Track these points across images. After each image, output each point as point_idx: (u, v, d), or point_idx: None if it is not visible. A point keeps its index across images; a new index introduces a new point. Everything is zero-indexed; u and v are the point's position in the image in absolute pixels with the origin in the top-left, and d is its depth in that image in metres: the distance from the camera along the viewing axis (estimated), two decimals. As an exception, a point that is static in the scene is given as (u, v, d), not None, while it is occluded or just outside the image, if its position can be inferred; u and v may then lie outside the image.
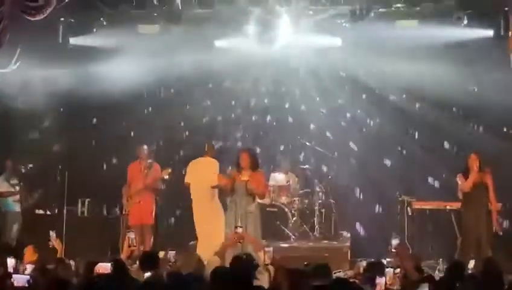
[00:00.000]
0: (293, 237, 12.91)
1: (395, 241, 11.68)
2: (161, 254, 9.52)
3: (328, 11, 12.79)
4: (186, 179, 11.61)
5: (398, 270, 7.85)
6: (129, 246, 9.79)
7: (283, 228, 12.95)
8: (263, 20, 12.65)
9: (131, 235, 9.96)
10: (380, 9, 12.42)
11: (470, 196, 10.92)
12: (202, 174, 11.40)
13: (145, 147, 12.22)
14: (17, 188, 12.48)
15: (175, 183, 13.28)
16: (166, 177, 12.08)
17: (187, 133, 14.69)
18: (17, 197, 12.44)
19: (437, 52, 12.41)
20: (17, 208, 12.44)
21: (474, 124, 12.56)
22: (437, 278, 7.30)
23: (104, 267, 7.59)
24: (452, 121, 13.05)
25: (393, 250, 10.27)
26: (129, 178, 12.12)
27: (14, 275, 7.38)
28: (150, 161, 12.12)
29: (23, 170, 12.92)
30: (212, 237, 10.65)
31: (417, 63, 12.46)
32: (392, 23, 12.64)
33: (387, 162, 13.98)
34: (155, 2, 12.77)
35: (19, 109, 13.10)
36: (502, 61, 11.24)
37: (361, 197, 13.87)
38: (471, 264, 9.81)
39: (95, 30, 13.37)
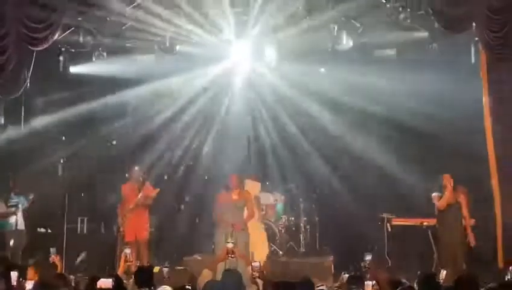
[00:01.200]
0: (280, 252, 12.86)
1: (368, 257, 11.71)
2: (156, 269, 9.43)
3: (311, 40, 12.89)
4: None
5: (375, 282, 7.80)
6: (126, 261, 9.71)
7: (271, 244, 12.90)
8: (251, 50, 12.73)
9: (128, 250, 9.89)
10: (360, 40, 12.50)
11: (445, 213, 10.96)
12: None
13: (137, 168, 12.22)
14: (14, 208, 12.21)
15: (171, 201, 13.32)
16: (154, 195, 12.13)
17: (180, 153, 14.66)
18: (14, 217, 12.19)
19: (413, 79, 12.47)
20: (13, 227, 12.18)
21: (449, 145, 12.55)
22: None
23: (105, 282, 7.50)
24: (428, 142, 13.09)
25: (366, 265, 10.30)
26: (123, 198, 12.11)
27: (16, 291, 7.21)
28: (141, 180, 12.10)
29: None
30: (257, 245, 11.63)
31: (395, 88, 12.52)
32: (371, 52, 12.77)
33: (369, 181, 13.94)
34: (150, 36, 12.82)
35: (24, 133, 13.05)
36: (475, 86, 11.28)
37: (344, 214, 13.79)
38: (443, 274, 9.79)
39: (94, 59, 13.38)
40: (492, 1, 10.03)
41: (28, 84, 11.59)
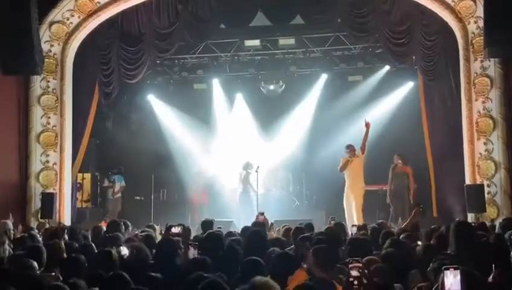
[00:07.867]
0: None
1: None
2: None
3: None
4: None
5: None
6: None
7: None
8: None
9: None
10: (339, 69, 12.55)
11: (397, 181, 10.91)
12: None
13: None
14: (111, 183, 12.18)
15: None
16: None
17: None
18: (111, 190, 12.16)
19: (372, 95, 12.38)
20: (110, 196, 12.15)
21: (402, 137, 12.18)
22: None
23: (176, 228, 7.59)
24: (388, 138, 12.51)
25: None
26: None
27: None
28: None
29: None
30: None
31: (362, 100, 12.50)
32: (346, 77, 12.78)
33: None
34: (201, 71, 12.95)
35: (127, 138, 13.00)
36: (416, 98, 11.17)
37: (332, 183, 13.31)
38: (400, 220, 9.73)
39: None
40: (425, 41, 10.03)
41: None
